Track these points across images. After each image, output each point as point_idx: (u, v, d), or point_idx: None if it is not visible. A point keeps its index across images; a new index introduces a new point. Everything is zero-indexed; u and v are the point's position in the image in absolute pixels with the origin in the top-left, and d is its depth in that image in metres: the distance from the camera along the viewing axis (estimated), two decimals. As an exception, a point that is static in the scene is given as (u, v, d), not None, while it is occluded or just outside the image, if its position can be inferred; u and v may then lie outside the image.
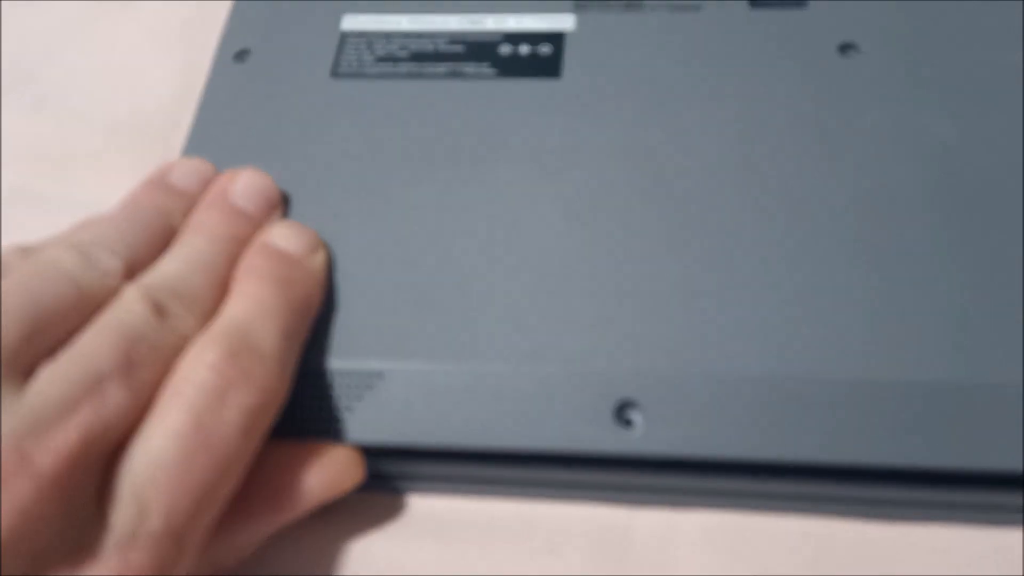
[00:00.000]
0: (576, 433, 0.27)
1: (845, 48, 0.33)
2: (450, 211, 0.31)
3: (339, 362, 0.28)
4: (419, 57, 0.35)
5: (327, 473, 0.27)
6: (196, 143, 0.34)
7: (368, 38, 0.35)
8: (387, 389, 0.28)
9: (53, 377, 0.23)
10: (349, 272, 0.30)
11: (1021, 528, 0.28)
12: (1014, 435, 0.26)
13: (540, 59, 0.34)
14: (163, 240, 0.29)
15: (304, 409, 0.28)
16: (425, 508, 0.30)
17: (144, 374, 0.24)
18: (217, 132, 0.34)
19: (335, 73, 0.35)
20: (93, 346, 0.24)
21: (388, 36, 0.35)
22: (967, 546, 0.28)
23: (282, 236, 0.29)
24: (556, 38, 0.34)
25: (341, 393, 0.28)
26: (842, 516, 0.29)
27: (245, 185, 0.30)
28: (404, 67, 0.34)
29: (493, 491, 0.30)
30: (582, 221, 0.30)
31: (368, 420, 0.28)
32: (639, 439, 0.27)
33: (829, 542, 0.29)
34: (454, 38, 0.35)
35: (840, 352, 0.27)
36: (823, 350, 0.27)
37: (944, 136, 0.30)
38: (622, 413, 0.27)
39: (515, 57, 0.34)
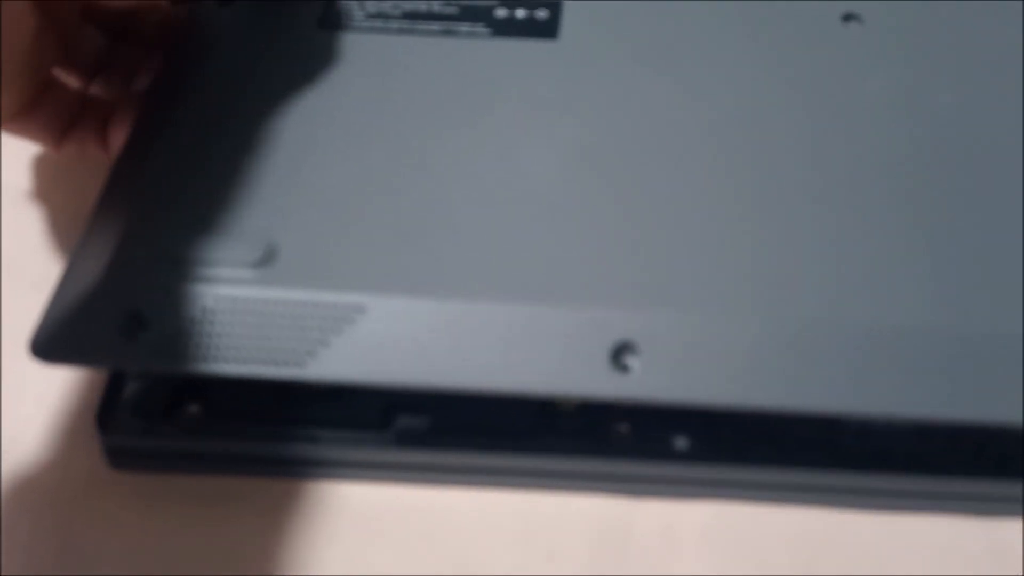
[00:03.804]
0: (569, 376, 0.25)
1: (848, 18, 0.32)
2: (441, 150, 0.29)
3: (318, 292, 0.26)
4: (412, 16, 0.34)
5: None
6: (172, 83, 0.32)
7: None
8: (368, 324, 0.26)
9: None
10: (333, 201, 0.28)
11: (1021, 523, 0.28)
12: (1015, 387, 0.25)
13: (537, 22, 0.33)
14: None
15: (275, 340, 0.26)
16: (421, 502, 0.29)
17: None
18: (197, 72, 0.32)
19: (323, 24, 0.33)
20: None
21: None
22: (966, 544, 0.28)
23: None
24: (554, 4, 0.34)
25: (318, 325, 0.26)
26: (842, 507, 0.28)
27: None
28: (395, 24, 0.33)
29: (491, 482, 0.28)
30: (578, 161, 0.29)
31: (346, 356, 0.26)
32: (636, 384, 0.25)
33: (828, 540, 0.28)
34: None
35: (843, 298, 0.26)
36: (825, 296, 0.26)
37: (944, 102, 0.30)
38: (619, 357, 0.25)
39: (511, 20, 0.33)
